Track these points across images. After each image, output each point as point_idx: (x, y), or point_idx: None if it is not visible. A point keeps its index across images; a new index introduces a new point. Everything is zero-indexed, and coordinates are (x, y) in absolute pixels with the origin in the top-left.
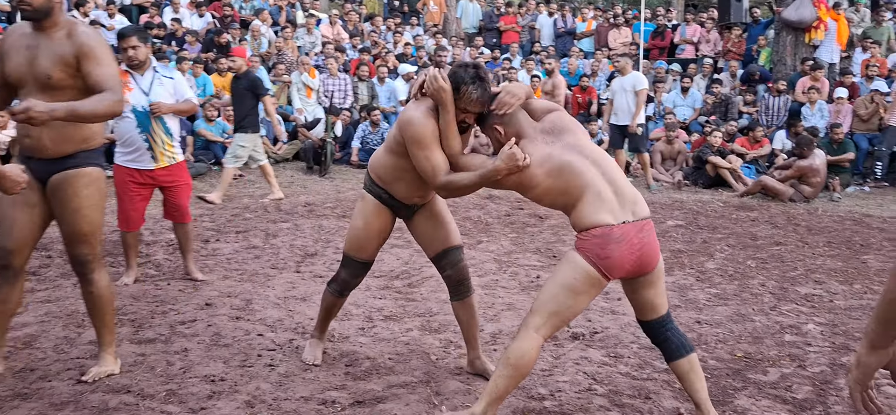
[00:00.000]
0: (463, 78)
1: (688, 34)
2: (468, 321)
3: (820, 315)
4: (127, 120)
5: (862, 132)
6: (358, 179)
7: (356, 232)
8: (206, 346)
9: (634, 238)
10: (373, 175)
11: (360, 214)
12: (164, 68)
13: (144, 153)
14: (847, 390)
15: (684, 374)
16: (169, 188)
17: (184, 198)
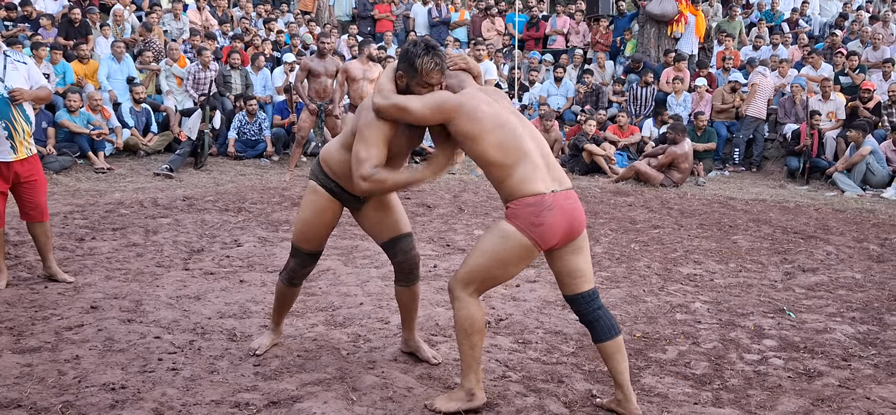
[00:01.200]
0: (416, 53)
1: (558, 25)
2: (409, 305)
3: (704, 294)
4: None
5: (721, 120)
6: (236, 171)
7: (306, 224)
8: (99, 352)
9: (564, 204)
10: (325, 167)
11: (311, 206)
12: (15, 54)
13: (4, 143)
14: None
15: (611, 355)
16: (26, 183)
17: (42, 194)
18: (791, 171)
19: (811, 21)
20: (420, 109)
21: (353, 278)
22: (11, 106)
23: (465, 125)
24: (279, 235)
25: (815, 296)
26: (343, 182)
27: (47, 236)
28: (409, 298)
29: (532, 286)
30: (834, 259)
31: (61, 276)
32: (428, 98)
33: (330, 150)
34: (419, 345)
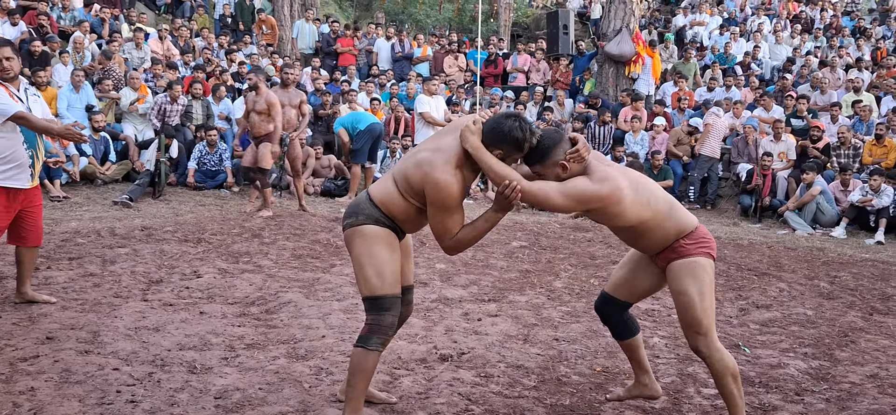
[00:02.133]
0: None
1: (519, 63)
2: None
3: (662, 329)
4: (12, 135)
5: (676, 159)
6: (195, 202)
7: (385, 264)
8: (55, 384)
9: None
10: (382, 207)
11: (381, 245)
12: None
13: (26, 171)
14: (697, 398)
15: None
16: (32, 209)
17: (41, 218)
18: (744, 209)
19: (762, 64)
20: (563, 202)
21: (315, 311)
22: (38, 137)
23: (610, 210)
24: (239, 267)
25: (768, 332)
26: (399, 222)
27: (33, 261)
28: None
29: (494, 320)
30: (786, 296)
31: (41, 298)
32: (570, 190)
33: (390, 195)
34: (371, 393)
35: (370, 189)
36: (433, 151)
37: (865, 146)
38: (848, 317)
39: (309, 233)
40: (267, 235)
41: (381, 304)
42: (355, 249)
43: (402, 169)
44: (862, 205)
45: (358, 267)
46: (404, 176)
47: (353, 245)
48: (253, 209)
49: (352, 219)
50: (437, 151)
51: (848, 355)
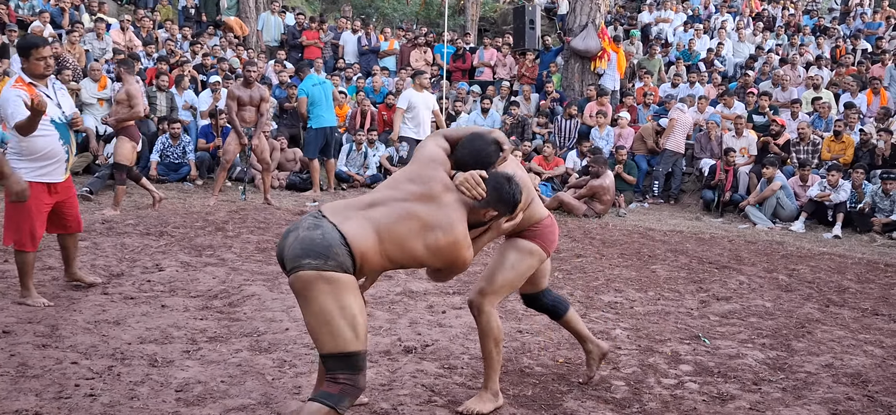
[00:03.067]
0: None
1: (486, 58)
2: None
3: (624, 321)
4: (48, 132)
5: (641, 154)
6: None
7: (357, 317)
8: (11, 378)
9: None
10: (359, 258)
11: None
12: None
13: (62, 165)
14: (657, 387)
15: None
16: (69, 199)
17: (77, 205)
18: (706, 203)
19: (725, 61)
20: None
21: (279, 304)
22: (70, 131)
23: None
24: (202, 260)
25: (728, 323)
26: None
27: (76, 245)
28: None
29: (458, 313)
30: (746, 288)
31: (89, 278)
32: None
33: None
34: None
35: (347, 233)
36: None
37: (824, 142)
38: (805, 309)
39: (273, 226)
40: (231, 229)
41: (356, 362)
42: (319, 299)
43: (397, 234)
44: (820, 200)
45: (324, 320)
46: (400, 243)
47: (316, 292)
48: (216, 202)
49: (318, 261)
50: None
51: (804, 345)
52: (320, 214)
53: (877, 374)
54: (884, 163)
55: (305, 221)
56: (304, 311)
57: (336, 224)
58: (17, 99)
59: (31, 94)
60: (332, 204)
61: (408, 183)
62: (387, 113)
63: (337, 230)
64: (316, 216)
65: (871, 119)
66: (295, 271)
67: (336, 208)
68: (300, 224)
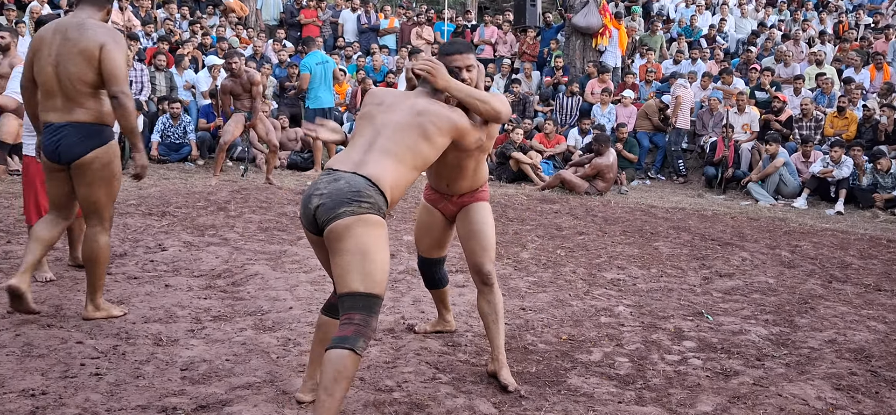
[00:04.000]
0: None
1: (486, 35)
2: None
3: (627, 298)
4: None
5: (644, 131)
6: (159, 175)
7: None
8: (17, 357)
9: None
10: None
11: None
12: None
13: None
14: (661, 364)
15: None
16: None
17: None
18: (708, 180)
19: (727, 38)
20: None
21: (282, 283)
22: None
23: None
24: (205, 240)
25: (731, 300)
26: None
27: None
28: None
29: (461, 291)
30: (748, 265)
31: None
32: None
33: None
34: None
35: (371, 175)
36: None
37: (827, 118)
38: (808, 285)
39: (275, 206)
40: (233, 209)
41: (376, 305)
42: (361, 239)
43: (407, 145)
44: (823, 176)
45: (359, 258)
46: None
47: (355, 234)
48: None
49: (352, 207)
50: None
51: (807, 321)
52: (331, 170)
53: (880, 349)
54: (887, 139)
55: (321, 181)
56: (338, 255)
57: (355, 171)
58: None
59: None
60: (336, 157)
61: (387, 114)
62: None
63: (358, 175)
64: (329, 173)
65: (874, 95)
66: (332, 222)
67: (342, 159)
68: (317, 186)
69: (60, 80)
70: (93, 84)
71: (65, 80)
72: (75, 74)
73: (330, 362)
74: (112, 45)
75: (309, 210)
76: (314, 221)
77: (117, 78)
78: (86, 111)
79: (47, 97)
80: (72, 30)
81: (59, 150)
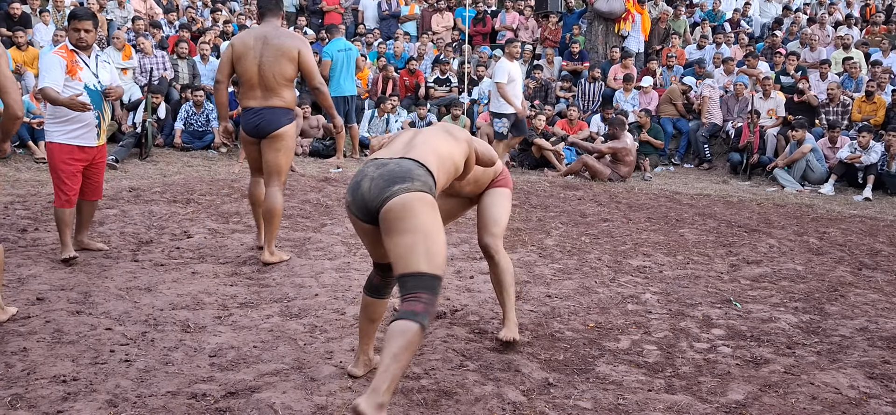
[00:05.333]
0: None
1: (507, 21)
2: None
3: (654, 285)
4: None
5: (667, 116)
6: (183, 163)
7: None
8: (47, 344)
9: None
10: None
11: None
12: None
13: (93, 130)
14: (690, 352)
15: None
16: (96, 165)
17: (103, 174)
18: (733, 166)
19: (752, 22)
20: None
21: (307, 270)
22: (104, 99)
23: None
24: (230, 227)
25: (759, 287)
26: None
27: (92, 213)
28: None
29: (486, 278)
30: (776, 252)
31: (95, 245)
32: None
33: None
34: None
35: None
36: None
37: (855, 103)
38: (837, 272)
39: (299, 193)
40: None
41: (440, 284)
42: (421, 218)
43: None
44: (851, 162)
45: (422, 237)
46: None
47: (416, 213)
48: (240, 169)
49: (406, 184)
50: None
51: (838, 308)
52: (376, 159)
53: None
54: None
55: (368, 168)
56: (400, 234)
57: (403, 156)
58: (55, 64)
59: (69, 62)
60: (378, 153)
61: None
62: (408, 79)
63: (405, 159)
64: (374, 161)
65: None
66: (388, 201)
67: (384, 152)
68: (364, 172)
69: (262, 76)
70: (289, 78)
71: (267, 75)
72: (278, 71)
73: (400, 333)
74: (306, 49)
75: (359, 195)
76: (365, 205)
77: (315, 73)
78: (280, 99)
79: (249, 88)
80: (271, 37)
81: (259, 127)
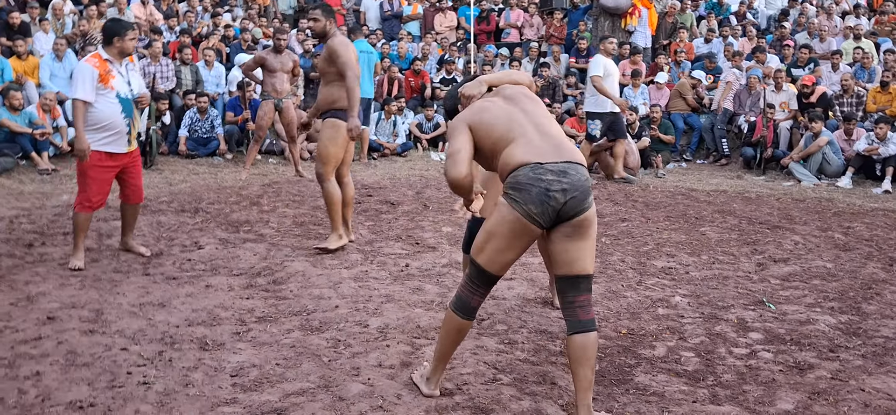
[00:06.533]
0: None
1: (512, 19)
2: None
3: (682, 287)
4: (112, 105)
5: (678, 112)
6: (188, 171)
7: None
8: (61, 367)
9: None
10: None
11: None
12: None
13: (123, 137)
14: (730, 358)
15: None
16: (131, 169)
17: (141, 177)
18: (747, 161)
19: (758, 14)
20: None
21: (324, 280)
22: (135, 107)
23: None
24: (240, 236)
25: (790, 287)
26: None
27: (136, 216)
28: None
29: (509, 284)
30: (802, 249)
31: (139, 249)
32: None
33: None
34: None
35: (575, 157)
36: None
37: (869, 93)
38: (868, 268)
39: (309, 199)
40: (266, 203)
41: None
42: (595, 228)
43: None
44: (868, 154)
45: (593, 246)
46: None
47: (595, 223)
48: (247, 176)
49: (591, 195)
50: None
51: (875, 307)
52: (542, 164)
53: None
54: None
55: (550, 175)
56: (586, 239)
57: (569, 160)
58: (87, 74)
59: (102, 71)
60: (539, 148)
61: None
62: (414, 79)
63: (576, 163)
64: (552, 166)
65: None
66: (584, 212)
67: (540, 152)
68: (546, 180)
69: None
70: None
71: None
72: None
73: (591, 346)
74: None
75: (550, 206)
76: (557, 213)
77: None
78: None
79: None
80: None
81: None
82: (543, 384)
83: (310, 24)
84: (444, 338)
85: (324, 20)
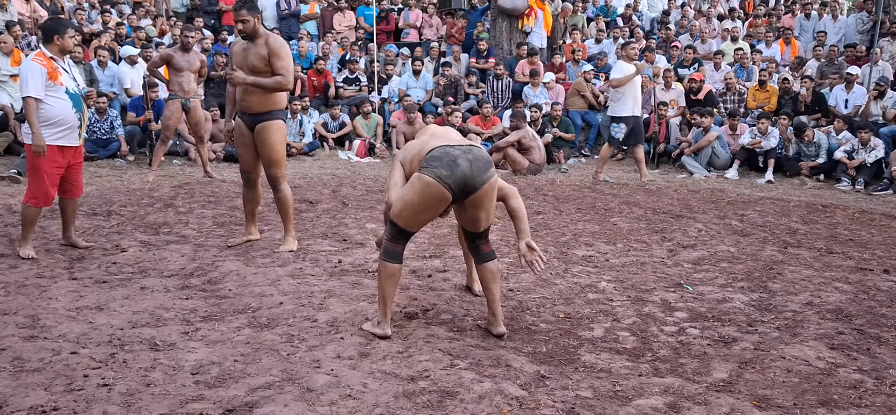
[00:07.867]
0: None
1: (411, 19)
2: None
3: (605, 274)
4: (61, 101)
5: (576, 110)
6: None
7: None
8: (10, 373)
9: None
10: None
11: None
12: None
13: (74, 131)
14: (662, 335)
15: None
16: (75, 165)
17: (82, 173)
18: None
19: (642, 17)
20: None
21: (261, 278)
22: (83, 102)
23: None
24: (162, 238)
25: (702, 270)
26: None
27: (75, 210)
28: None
29: (444, 275)
30: (706, 235)
31: (80, 243)
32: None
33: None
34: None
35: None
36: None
37: (749, 91)
38: (766, 251)
39: (224, 199)
40: (181, 204)
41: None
42: (492, 196)
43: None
44: (752, 147)
45: (491, 209)
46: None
47: (493, 192)
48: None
49: (492, 170)
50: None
51: (780, 286)
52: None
53: (855, 308)
54: (806, 109)
55: (453, 151)
56: (481, 208)
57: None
58: (37, 71)
59: (49, 68)
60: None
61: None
62: (317, 79)
63: (477, 147)
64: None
65: (787, 68)
66: (485, 183)
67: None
68: (453, 155)
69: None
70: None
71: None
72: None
73: (496, 269)
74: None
75: (459, 172)
76: (465, 181)
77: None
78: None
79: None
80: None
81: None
82: (499, 367)
83: (239, 26)
84: (384, 284)
85: (252, 19)
